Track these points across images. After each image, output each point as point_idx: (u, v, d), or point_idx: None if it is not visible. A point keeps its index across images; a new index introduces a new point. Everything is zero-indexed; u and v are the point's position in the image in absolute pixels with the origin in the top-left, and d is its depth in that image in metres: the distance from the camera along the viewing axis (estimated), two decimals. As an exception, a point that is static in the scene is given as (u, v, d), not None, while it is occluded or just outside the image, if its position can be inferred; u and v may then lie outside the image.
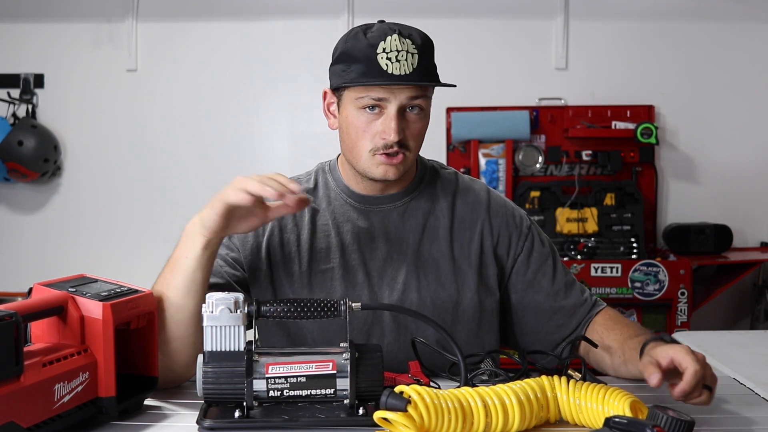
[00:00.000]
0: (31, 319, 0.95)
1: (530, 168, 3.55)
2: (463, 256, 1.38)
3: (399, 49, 1.24)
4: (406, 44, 1.25)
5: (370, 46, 1.25)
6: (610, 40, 3.63)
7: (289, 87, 3.67)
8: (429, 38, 1.31)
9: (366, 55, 1.25)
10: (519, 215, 1.44)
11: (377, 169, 1.30)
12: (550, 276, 1.41)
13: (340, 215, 1.38)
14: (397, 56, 1.24)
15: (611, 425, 0.86)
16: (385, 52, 1.24)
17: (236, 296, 1.03)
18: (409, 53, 1.25)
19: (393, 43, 1.24)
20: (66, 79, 3.72)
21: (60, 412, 0.94)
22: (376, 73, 1.24)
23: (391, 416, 0.91)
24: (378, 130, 1.28)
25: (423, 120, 1.31)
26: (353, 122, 1.30)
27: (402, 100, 1.26)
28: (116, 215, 3.74)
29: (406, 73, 1.24)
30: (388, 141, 1.27)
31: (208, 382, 1.01)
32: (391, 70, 1.23)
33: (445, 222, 1.39)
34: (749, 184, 3.61)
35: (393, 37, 1.24)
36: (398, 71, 1.24)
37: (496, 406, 0.95)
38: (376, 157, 1.30)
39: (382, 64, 1.24)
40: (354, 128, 1.30)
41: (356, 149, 1.31)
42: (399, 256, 1.37)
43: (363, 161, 1.31)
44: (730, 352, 1.69)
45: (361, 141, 1.29)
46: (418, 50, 1.26)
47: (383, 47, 1.24)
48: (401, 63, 1.24)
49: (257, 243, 1.36)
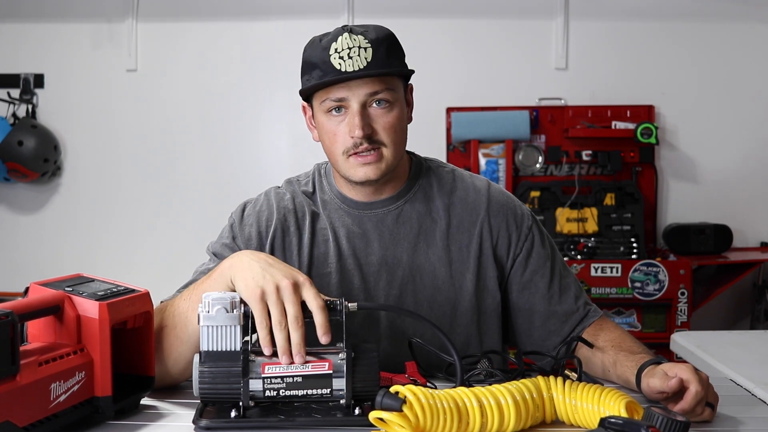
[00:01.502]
0: (27, 318, 0.95)
1: (530, 168, 3.55)
2: (460, 259, 1.36)
3: (350, 46, 1.24)
4: (357, 40, 1.24)
5: (324, 50, 1.25)
6: (610, 40, 3.63)
7: (289, 87, 3.64)
8: (387, 32, 1.29)
9: (321, 58, 1.25)
10: (521, 213, 1.41)
11: (356, 172, 1.30)
12: (548, 279, 1.38)
13: (336, 220, 1.37)
14: (349, 53, 1.23)
15: (606, 425, 0.86)
16: (336, 52, 1.24)
17: (233, 296, 1.03)
18: (362, 48, 1.24)
19: (344, 41, 1.24)
20: (66, 79, 3.72)
21: (56, 411, 0.94)
22: (331, 74, 1.24)
23: (386, 416, 0.91)
24: (345, 129, 1.27)
25: (392, 112, 1.28)
26: (325, 127, 1.30)
27: (361, 96, 1.26)
28: (116, 215, 3.74)
29: (359, 68, 1.23)
30: (356, 138, 1.26)
31: (205, 382, 1.00)
32: (344, 68, 1.23)
33: (442, 224, 1.37)
34: (749, 184, 3.61)
35: (344, 36, 1.25)
36: (351, 67, 1.23)
37: (492, 406, 0.95)
38: (350, 160, 1.29)
39: (336, 64, 1.24)
40: (326, 133, 1.30)
41: (333, 155, 1.31)
42: (394, 260, 1.35)
43: (342, 166, 1.31)
44: (730, 352, 1.69)
45: (335, 145, 1.29)
46: (371, 44, 1.25)
47: (335, 47, 1.24)
48: (353, 59, 1.23)
49: (260, 245, 1.36)
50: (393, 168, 1.32)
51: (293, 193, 1.41)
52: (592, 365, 1.30)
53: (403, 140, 1.33)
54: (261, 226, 1.37)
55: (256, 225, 1.37)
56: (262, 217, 1.37)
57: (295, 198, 1.40)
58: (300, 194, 1.40)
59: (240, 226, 1.37)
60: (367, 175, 1.29)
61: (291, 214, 1.37)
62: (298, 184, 1.43)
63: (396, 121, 1.29)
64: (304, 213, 1.38)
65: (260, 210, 1.38)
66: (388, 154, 1.29)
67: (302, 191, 1.41)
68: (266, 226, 1.36)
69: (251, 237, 1.36)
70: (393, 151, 1.30)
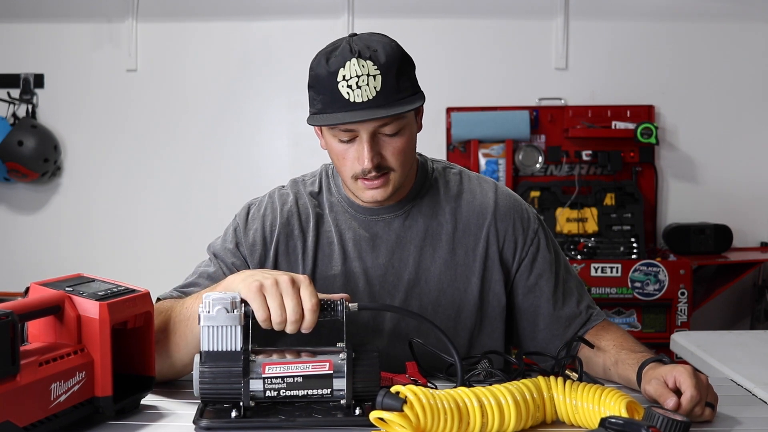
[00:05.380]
0: (27, 318, 0.95)
1: (530, 168, 3.55)
2: (467, 262, 1.36)
3: (359, 74, 1.19)
4: (366, 67, 1.19)
5: (331, 75, 1.21)
6: (610, 40, 3.63)
7: (289, 87, 3.67)
8: (396, 51, 1.24)
9: (328, 83, 1.21)
10: (527, 217, 1.40)
11: (364, 194, 1.29)
12: (552, 283, 1.38)
13: (343, 222, 1.37)
14: (358, 82, 1.19)
15: (607, 426, 0.86)
16: (345, 80, 1.20)
17: (233, 296, 1.03)
18: (371, 76, 1.19)
19: (352, 68, 1.20)
20: (66, 79, 3.72)
21: (56, 411, 0.94)
22: (339, 104, 1.20)
23: (387, 416, 0.91)
24: (354, 156, 1.25)
25: (402, 138, 1.26)
26: (332, 149, 1.28)
27: (370, 128, 1.22)
28: (116, 215, 3.74)
29: (368, 98, 1.19)
30: (365, 168, 1.24)
31: (205, 382, 1.00)
32: (353, 98, 1.19)
33: (448, 227, 1.37)
34: (749, 184, 3.61)
35: (352, 61, 1.20)
36: (360, 98, 1.19)
37: (492, 406, 0.95)
38: (359, 182, 1.28)
39: (344, 93, 1.20)
40: (334, 154, 1.29)
41: (341, 174, 1.31)
42: (400, 263, 1.35)
43: (350, 185, 1.31)
44: (730, 352, 1.68)
45: (342, 167, 1.29)
46: (380, 70, 1.20)
47: (343, 74, 1.20)
48: (362, 89, 1.19)
49: (265, 251, 1.35)
50: (399, 187, 1.32)
51: (297, 194, 1.40)
52: (593, 365, 1.30)
53: (412, 160, 1.32)
54: (266, 231, 1.36)
55: (261, 231, 1.36)
56: (266, 222, 1.37)
57: (299, 200, 1.39)
58: (304, 195, 1.40)
59: (244, 231, 1.37)
60: (374, 197, 1.29)
61: (294, 217, 1.37)
62: (303, 184, 1.42)
63: (405, 145, 1.27)
64: (308, 215, 1.37)
65: (264, 215, 1.38)
66: (395, 177, 1.28)
67: (308, 191, 1.40)
68: (270, 231, 1.36)
69: (255, 243, 1.35)
70: (400, 173, 1.29)
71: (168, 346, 1.16)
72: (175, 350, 1.16)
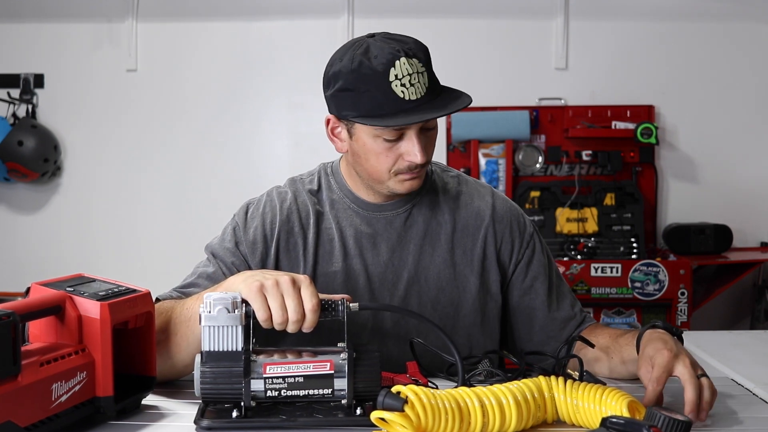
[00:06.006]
0: (28, 318, 0.95)
1: (530, 168, 3.55)
2: (465, 262, 1.38)
3: (410, 72, 1.21)
4: (415, 65, 1.21)
5: (381, 75, 1.20)
6: (610, 40, 3.63)
7: (289, 87, 3.67)
8: (424, 45, 1.27)
9: (379, 84, 1.20)
10: (523, 221, 1.44)
11: (402, 186, 1.31)
12: (547, 286, 1.41)
13: (344, 219, 1.38)
14: (410, 80, 1.21)
15: (608, 425, 0.86)
16: (398, 79, 1.20)
17: (234, 296, 1.03)
18: (419, 73, 1.22)
19: (403, 67, 1.20)
20: (66, 79, 3.72)
21: (57, 411, 0.94)
22: (394, 104, 1.20)
23: (388, 416, 0.91)
24: (400, 152, 1.26)
25: (435, 130, 1.31)
26: (372, 149, 1.27)
27: (420, 125, 1.25)
28: (116, 215, 3.74)
29: (421, 95, 1.21)
30: (414, 163, 1.26)
31: (206, 382, 1.00)
32: (407, 96, 1.21)
33: (447, 227, 1.38)
34: (749, 184, 3.61)
35: (401, 60, 1.20)
36: (414, 95, 1.21)
37: (493, 406, 0.95)
38: (398, 176, 1.29)
39: (398, 92, 1.20)
40: (373, 154, 1.27)
41: (377, 173, 1.30)
42: (400, 262, 1.37)
43: (386, 182, 1.31)
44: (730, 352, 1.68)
45: (382, 165, 1.28)
46: (425, 66, 1.23)
47: (395, 74, 1.20)
48: (415, 87, 1.21)
49: (266, 249, 1.35)
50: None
51: (296, 192, 1.40)
52: (593, 362, 1.31)
53: None
54: (266, 228, 1.36)
55: (261, 228, 1.36)
56: (266, 219, 1.37)
57: (298, 197, 1.40)
58: (303, 193, 1.40)
59: (244, 230, 1.37)
60: (412, 187, 1.32)
61: (294, 214, 1.37)
62: (302, 182, 1.43)
63: (435, 138, 1.32)
64: (308, 213, 1.38)
65: (264, 213, 1.38)
66: (427, 168, 1.35)
67: (307, 189, 1.41)
68: (271, 229, 1.36)
69: (256, 240, 1.35)
70: (428, 165, 1.36)
71: (169, 346, 1.16)
72: (176, 351, 1.16)
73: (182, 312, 1.16)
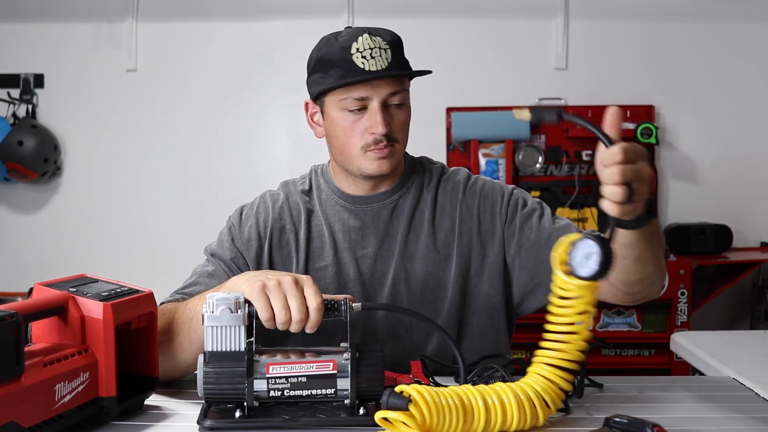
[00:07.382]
0: (31, 319, 0.95)
1: (530, 168, 3.55)
2: (447, 244, 1.39)
3: (372, 47, 1.28)
4: (377, 41, 1.29)
5: (343, 49, 1.29)
6: (610, 40, 3.63)
7: (289, 87, 3.67)
8: (398, 36, 1.34)
9: (341, 57, 1.29)
10: (500, 187, 1.41)
11: (371, 165, 1.33)
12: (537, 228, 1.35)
13: (332, 215, 1.41)
14: (371, 53, 1.28)
15: (611, 425, 0.86)
16: (359, 51, 1.28)
17: (237, 296, 1.03)
18: (382, 49, 1.29)
19: (365, 42, 1.29)
20: (66, 79, 3.72)
21: (61, 412, 0.94)
22: (355, 73, 1.28)
23: (392, 416, 0.91)
24: (365, 126, 1.31)
25: (405, 112, 1.34)
26: (340, 124, 1.33)
27: (383, 95, 1.30)
28: (116, 215, 3.74)
29: (382, 68, 1.28)
30: (377, 134, 1.30)
31: (209, 382, 1.01)
32: (368, 67, 1.28)
33: (428, 213, 1.41)
34: (749, 184, 3.61)
35: (364, 36, 1.29)
36: (375, 67, 1.28)
37: (495, 404, 0.95)
38: (367, 154, 1.33)
39: (359, 63, 1.28)
40: (341, 129, 1.33)
41: (347, 150, 1.34)
42: (388, 252, 1.39)
43: (356, 160, 1.34)
44: (730, 352, 1.69)
45: (351, 140, 1.33)
46: (389, 45, 1.30)
47: (356, 47, 1.28)
48: (376, 59, 1.28)
49: (260, 246, 1.39)
50: (398, 164, 1.38)
51: (288, 193, 1.45)
52: None
53: (408, 136, 1.39)
54: (260, 227, 1.40)
55: (255, 227, 1.40)
56: (260, 218, 1.41)
57: (290, 197, 1.44)
58: (295, 193, 1.45)
59: (239, 229, 1.41)
60: (381, 168, 1.34)
61: (286, 212, 1.41)
62: (294, 184, 1.48)
63: (407, 119, 1.36)
64: (300, 211, 1.42)
65: (257, 212, 1.42)
66: (399, 149, 1.36)
67: (299, 190, 1.45)
68: (264, 227, 1.40)
69: (251, 238, 1.39)
70: (402, 147, 1.37)
71: (172, 346, 1.17)
72: (179, 351, 1.17)
73: (185, 312, 1.17)
